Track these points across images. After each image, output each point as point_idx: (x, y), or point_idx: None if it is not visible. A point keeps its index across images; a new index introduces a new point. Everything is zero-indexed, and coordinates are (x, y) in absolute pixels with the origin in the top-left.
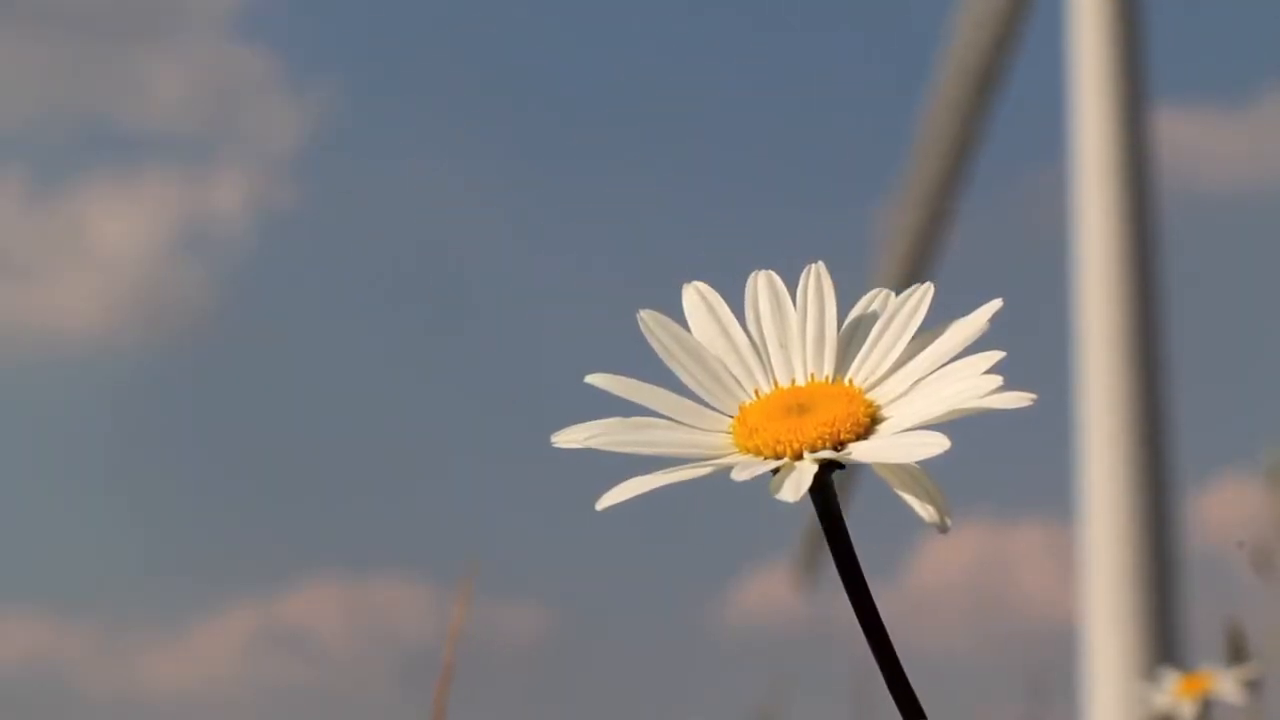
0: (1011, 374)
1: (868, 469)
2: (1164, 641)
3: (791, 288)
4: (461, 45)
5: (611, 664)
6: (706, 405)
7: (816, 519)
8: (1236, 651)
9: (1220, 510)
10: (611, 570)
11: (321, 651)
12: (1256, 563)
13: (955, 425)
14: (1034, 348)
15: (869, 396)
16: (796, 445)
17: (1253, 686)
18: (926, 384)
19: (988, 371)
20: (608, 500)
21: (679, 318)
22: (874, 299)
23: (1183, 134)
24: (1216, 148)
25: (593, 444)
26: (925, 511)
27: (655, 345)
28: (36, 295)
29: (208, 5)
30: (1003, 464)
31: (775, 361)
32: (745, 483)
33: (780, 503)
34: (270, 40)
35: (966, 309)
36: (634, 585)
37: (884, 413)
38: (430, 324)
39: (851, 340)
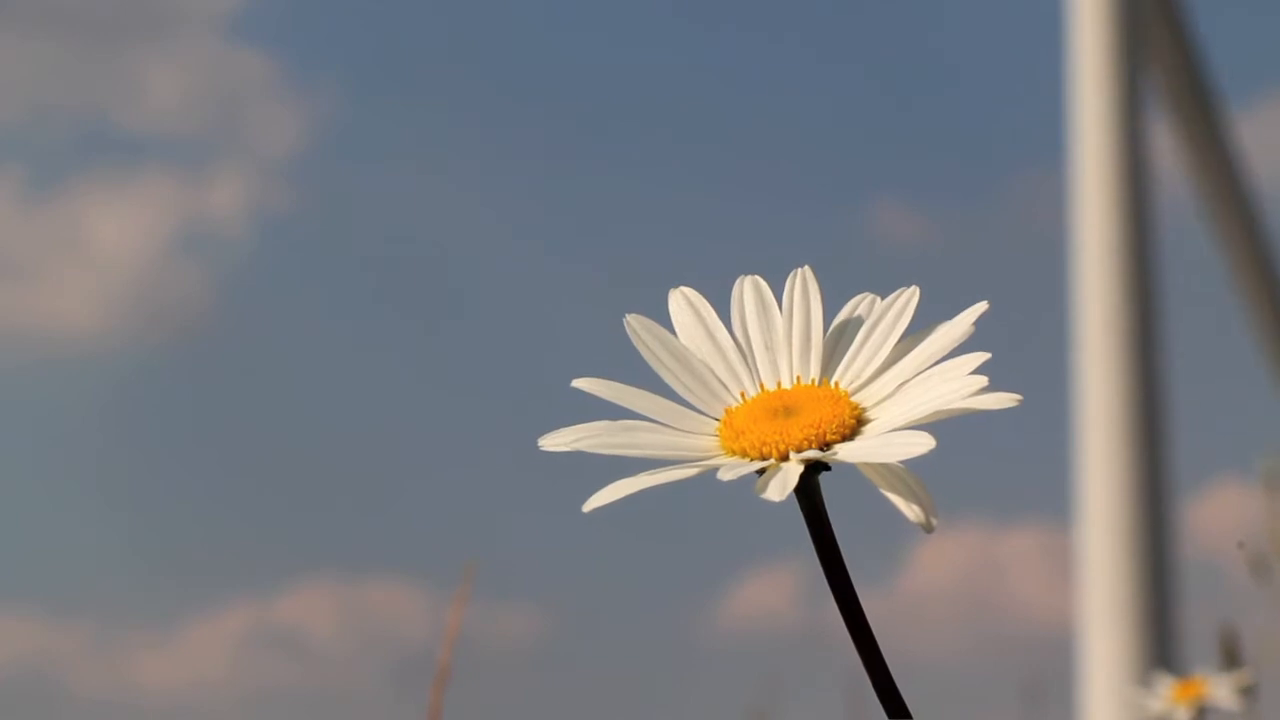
0: (1009, 376)
1: (854, 469)
2: (1160, 647)
3: (777, 291)
4: (460, 47)
5: (606, 666)
6: (693, 408)
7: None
8: (1231, 657)
9: (1217, 515)
10: (607, 573)
11: (316, 653)
12: (1253, 567)
13: (952, 429)
14: (1032, 350)
15: (855, 399)
16: (782, 447)
17: (1248, 692)
18: (912, 385)
19: (974, 372)
20: (595, 502)
21: (665, 322)
22: (860, 303)
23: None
24: None
25: (579, 447)
26: (911, 511)
27: (641, 349)
28: (33, 296)
29: (207, 5)
30: (999, 467)
31: (761, 364)
32: (741, 488)
33: (777, 506)
34: (269, 41)
35: (964, 309)
36: (629, 588)
37: (870, 414)
38: (426, 326)
39: (838, 343)
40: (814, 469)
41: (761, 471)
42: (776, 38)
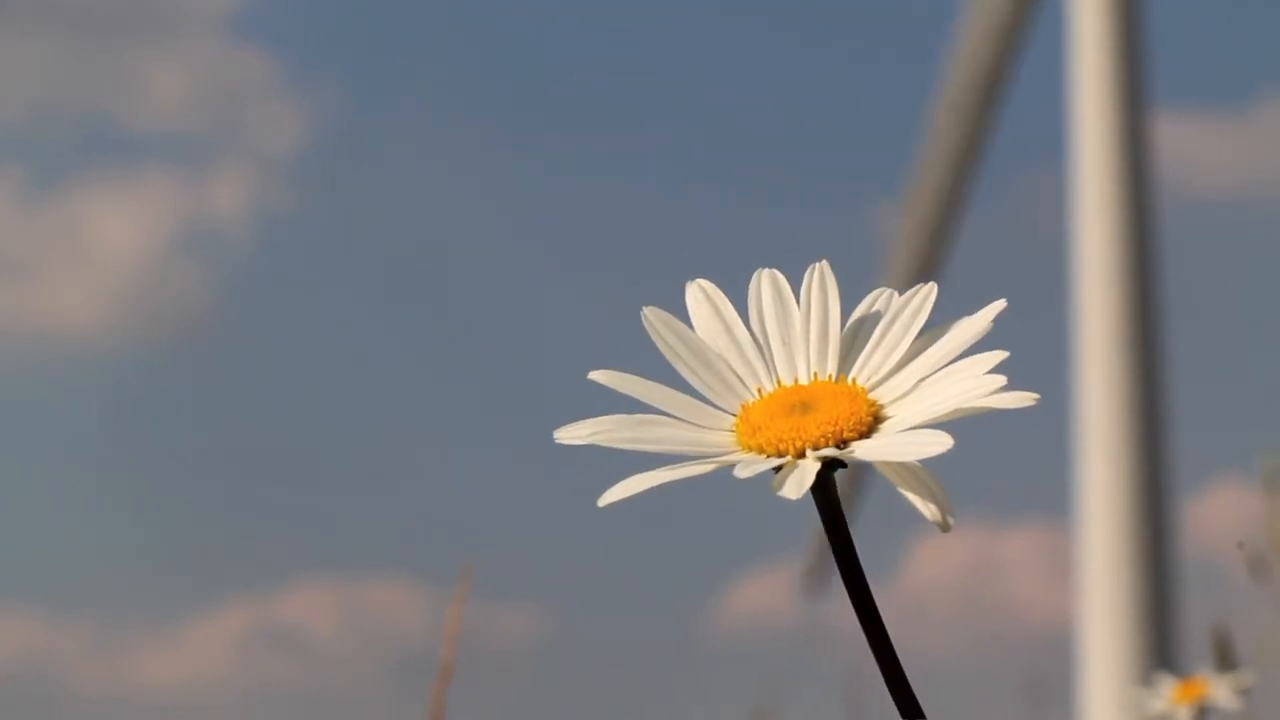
0: (1011, 376)
1: (872, 467)
2: (1161, 646)
3: (795, 286)
4: (461, 45)
5: (607, 665)
6: (709, 403)
7: (824, 522)
8: (1224, 658)
9: (1217, 515)
10: (607, 571)
11: (316, 651)
12: (1252, 567)
13: (953, 425)
14: (1032, 350)
15: (872, 395)
16: (799, 444)
17: (1247, 692)
18: (930, 383)
19: (991, 371)
20: (610, 497)
21: (683, 315)
22: (877, 298)
23: (1181, 138)
24: (1215, 152)
25: (595, 440)
26: (928, 510)
27: (659, 342)
28: (34, 296)
29: (208, 5)
30: (1000, 466)
31: (778, 360)
32: (743, 484)
33: (778, 504)
34: (270, 40)
35: (966, 309)
36: (630, 586)
37: (887, 412)
38: (428, 324)
39: (855, 339)
40: (830, 466)
41: (778, 469)
42: (779, 39)
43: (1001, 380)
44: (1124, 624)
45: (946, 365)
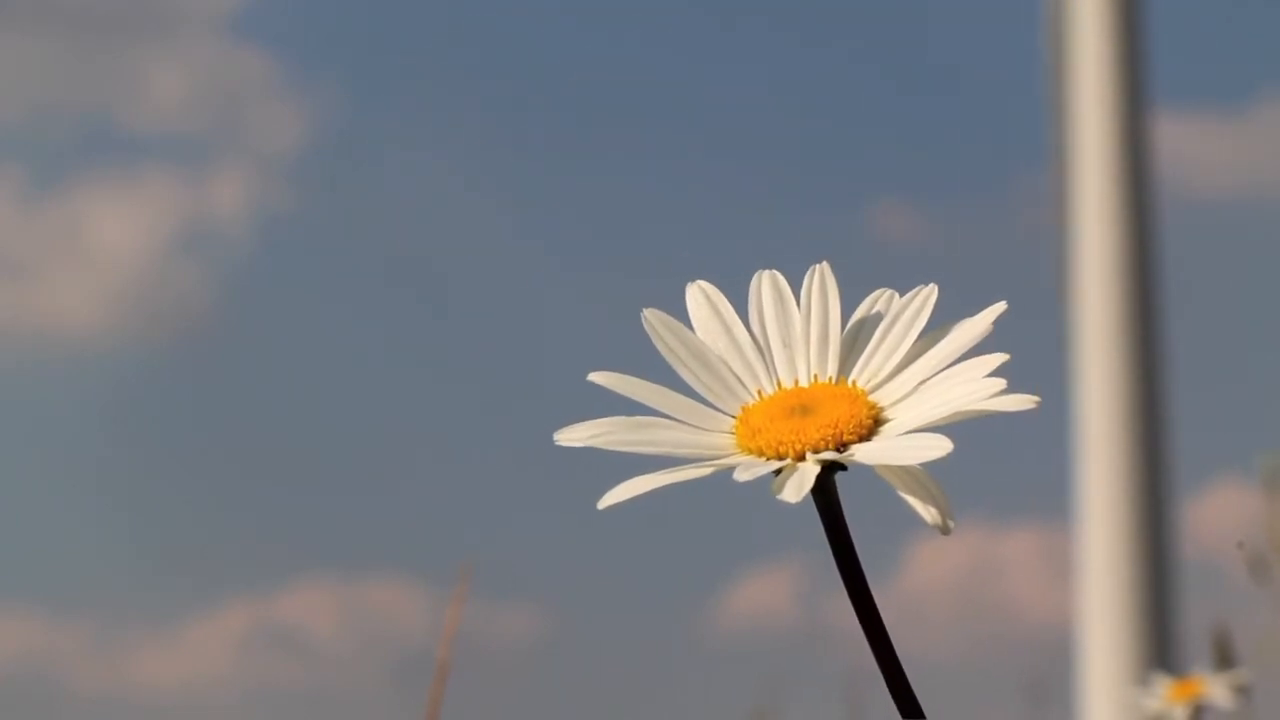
0: (1010, 375)
1: (865, 467)
2: (1160, 646)
3: (796, 287)
4: (462, 45)
5: (606, 665)
6: (709, 405)
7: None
8: (1224, 657)
9: (1217, 515)
10: (606, 571)
11: (316, 651)
12: (1252, 567)
13: (952, 427)
14: (1032, 350)
15: (872, 398)
16: (799, 446)
17: (1245, 691)
18: (930, 386)
19: (991, 374)
20: (610, 499)
21: (684, 315)
22: (878, 300)
23: (1181, 138)
24: (1215, 152)
25: (595, 443)
26: (928, 514)
27: (659, 344)
28: (33, 296)
29: (208, 5)
30: (999, 467)
31: (778, 361)
32: (742, 485)
33: (779, 504)
34: (270, 40)
35: (965, 310)
36: (629, 586)
37: (887, 414)
38: (428, 324)
39: (855, 341)
40: (831, 468)
41: (778, 471)
42: (778, 37)
43: (1002, 383)
44: (1124, 624)
45: (947, 368)
